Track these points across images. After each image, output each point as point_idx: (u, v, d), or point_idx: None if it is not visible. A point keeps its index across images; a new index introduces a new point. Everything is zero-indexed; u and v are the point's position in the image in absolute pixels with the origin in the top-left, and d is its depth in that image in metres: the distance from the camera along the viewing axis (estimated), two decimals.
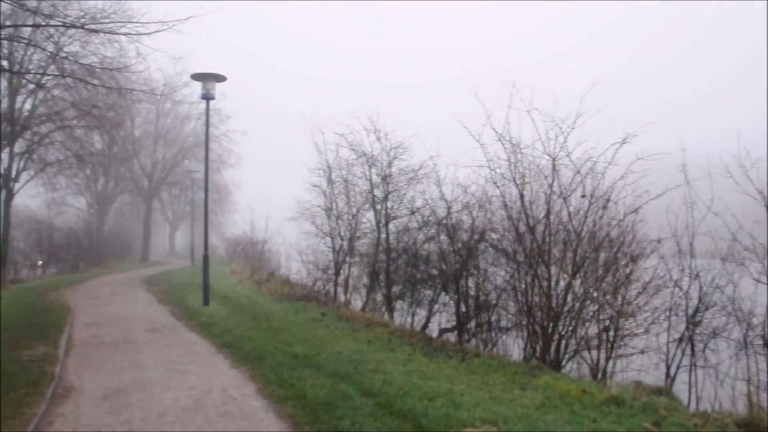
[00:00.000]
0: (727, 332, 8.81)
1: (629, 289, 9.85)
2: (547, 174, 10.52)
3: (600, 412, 6.89)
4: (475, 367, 9.24)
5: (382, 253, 16.24)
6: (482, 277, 12.51)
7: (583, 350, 10.12)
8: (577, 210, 10.26)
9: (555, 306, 10.11)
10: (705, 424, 6.40)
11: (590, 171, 10.16)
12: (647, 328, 9.72)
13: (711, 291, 9.00)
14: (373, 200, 17.01)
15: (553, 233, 10.51)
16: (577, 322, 10.10)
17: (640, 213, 9.86)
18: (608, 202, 9.99)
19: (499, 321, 12.18)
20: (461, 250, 12.68)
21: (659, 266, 9.66)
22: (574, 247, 10.13)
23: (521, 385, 8.09)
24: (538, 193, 10.73)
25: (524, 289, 10.85)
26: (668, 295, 9.49)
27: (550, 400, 7.30)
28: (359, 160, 17.41)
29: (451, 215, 13.33)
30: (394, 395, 7.10)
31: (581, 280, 10.20)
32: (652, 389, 8.23)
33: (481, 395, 7.38)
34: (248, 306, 16.22)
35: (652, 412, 6.87)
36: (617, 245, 9.95)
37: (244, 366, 8.82)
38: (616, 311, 9.68)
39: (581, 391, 7.61)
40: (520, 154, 10.69)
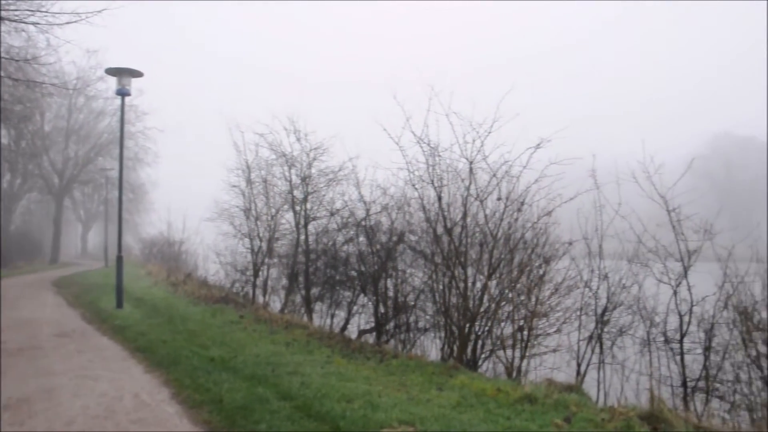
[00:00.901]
0: (632, 330, 9.21)
1: (542, 289, 10.12)
2: (464, 177, 10.70)
3: (514, 410, 7.06)
4: (394, 368, 9.31)
5: (302, 254, 16.15)
6: (401, 278, 12.63)
7: (498, 350, 10.33)
8: (493, 212, 10.48)
9: (471, 307, 10.30)
10: (611, 418, 6.65)
11: (506, 174, 10.39)
12: (559, 327, 10.03)
13: (618, 291, 9.37)
14: (292, 201, 16.88)
15: (469, 235, 10.70)
16: (493, 322, 10.32)
17: (553, 216, 10.16)
18: (523, 205, 10.25)
19: (417, 322, 12.31)
20: (380, 251, 12.76)
21: (570, 267, 10.00)
22: (490, 248, 10.35)
23: (438, 385, 8.21)
24: (455, 196, 10.89)
25: (442, 290, 11.00)
26: (579, 295, 9.83)
27: (466, 400, 7.43)
28: (279, 160, 17.26)
29: (370, 217, 13.40)
30: (312, 398, 7.08)
31: (497, 281, 10.43)
32: (564, 386, 8.49)
33: (398, 396, 7.44)
34: (164, 308, 15.84)
35: (563, 408, 7.09)
36: (531, 247, 10.22)
37: (159, 371, 8.62)
38: (530, 311, 9.94)
39: (496, 390, 7.78)
40: (438, 157, 10.85)
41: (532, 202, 10.24)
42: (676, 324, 8.56)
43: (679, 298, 8.55)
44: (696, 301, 8.40)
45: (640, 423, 6.55)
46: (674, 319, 8.59)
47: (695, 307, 8.41)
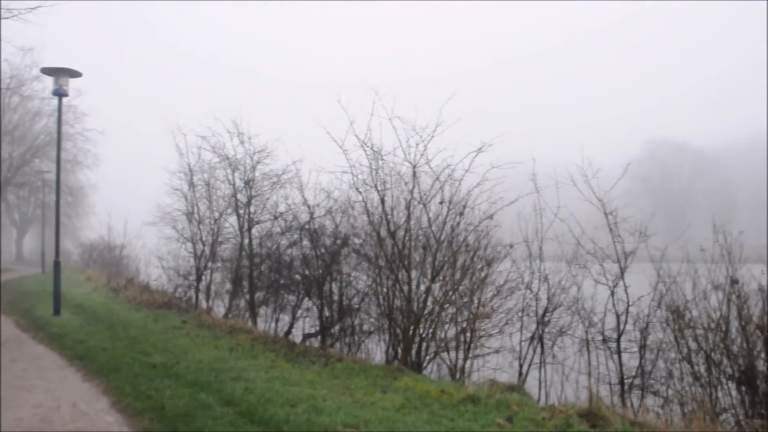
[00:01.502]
0: (571, 330, 9.44)
1: (485, 291, 10.29)
2: (407, 180, 10.80)
3: (457, 410, 7.15)
4: (338, 372, 9.32)
5: (245, 258, 15.99)
6: (345, 281, 12.64)
7: (442, 351, 10.45)
8: (436, 216, 10.59)
9: (415, 309, 10.38)
10: (552, 416, 6.81)
11: (449, 178, 10.52)
12: (501, 328, 10.22)
13: (558, 292, 9.61)
14: (236, 205, 16.71)
15: (413, 238, 10.79)
16: (437, 324, 10.43)
17: (494, 219, 10.33)
18: (465, 209, 10.40)
19: (361, 325, 12.34)
20: (324, 255, 12.74)
21: (512, 270, 10.19)
22: (434, 251, 10.46)
23: (383, 388, 8.25)
24: (399, 199, 10.97)
25: (386, 293, 11.06)
26: (520, 296, 10.04)
27: (410, 402, 7.49)
28: (222, 163, 17.07)
29: (314, 220, 13.37)
30: (256, 403, 7.03)
31: (440, 284, 10.54)
32: (506, 386, 8.63)
33: (343, 400, 7.45)
34: (104, 315, 15.46)
35: (506, 408, 7.22)
36: (474, 250, 10.37)
37: (98, 379, 8.42)
38: (473, 313, 10.09)
39: (440, 392, 7.87)
40: (381, 160, 10.92)
41: (474, 205, 10.40)
42: (614, 324, 8.82)
43: (616, 299, 8.81)
44: (632, 301, 8.67)
45: (579, 421, 6.72)
46: (612, 318, 8.85)
47: (631, 307, 8.68)
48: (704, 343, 7.53)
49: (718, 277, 7.48)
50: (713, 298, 7.52)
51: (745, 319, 7.15)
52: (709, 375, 7.51)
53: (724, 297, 7.37)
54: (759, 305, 7.10)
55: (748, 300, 7.20)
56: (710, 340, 7.48)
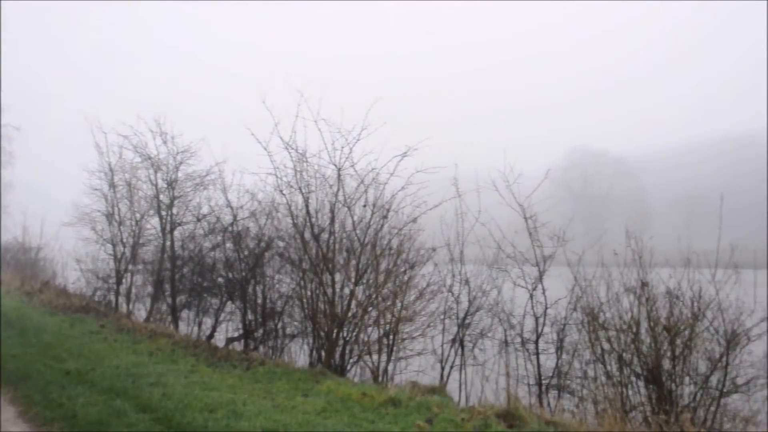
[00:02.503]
0: (492, 332, 9.61)
1: (408, 294, 10.36)
2: (332, 183, 10.77)
3: (378, 413, 7.20)
4: (260, 376, 9.24)
5: (168, 260, 15.62)
6: (269, 285, 12.51)
7: (366, 354, 10.46)
8: (360, 219, 10.61)
9: (339, 312, 10.37)
10: (471, 417, 6.92)
11: (373, 181, 10.56)
12: (424, 331, 10.30)
13: (479, 295, 9.77)
14: (158, 206, 16.29)
15: (337, 241, 10.78)
16: (360, 327, 10.43)
17: (418, 222, 10.42)
18: (389, 212, 10.45)
19: (285, 328, 12.25)
20: (248, 257, 12.58)
21: (434, 273, 10.30)
22: (358, 255, 10.47)
23: (304, 392, 8.23)
24: (323, 202, 10.92)
25: (310, 296, 11.00)
26: (442, 299, 10.16)
27: (332, 405, 7.49)
28: (144, 163, 16.62)
29: (237, 222, 13.18)
30: (174, 409, 6.90)
31: (364, 287, 10.56)
32: (427, 389, 8.73)
33: (263, 404, 7.39)
34: (15, 319, 14.83)
35: (426, 410, 7.30)
36: (397, 253, 10.44)
37: (5, 387, 8.09)
38: (396, 316, 10.15)
39: (361, 395, 7.89)
40: (306, 163, 10.86)
41: (398, 209, 10.45)
42: (532, 326, 9.03)
43: (535, 301, 9.02)
44: (550, 304, 8.90)
45: (497, 421, 6.86)
46: (530, 321, 9.06)
47: (549, 310, 8.91)
48: (616, 343, 7.81)
49: (629, 281, 7.76)
50: (625, 300, 7.81)
51: (653, 321, 7.45)
52: (620, 374, 7.79)
53: (635, 299, 7.66)
54: (666, 307, 7.42)
55: (657, 302, 7.51)
56: (622, 340, 7.76)
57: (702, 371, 7.30)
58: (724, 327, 7.07)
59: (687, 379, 7.39)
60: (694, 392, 7.30)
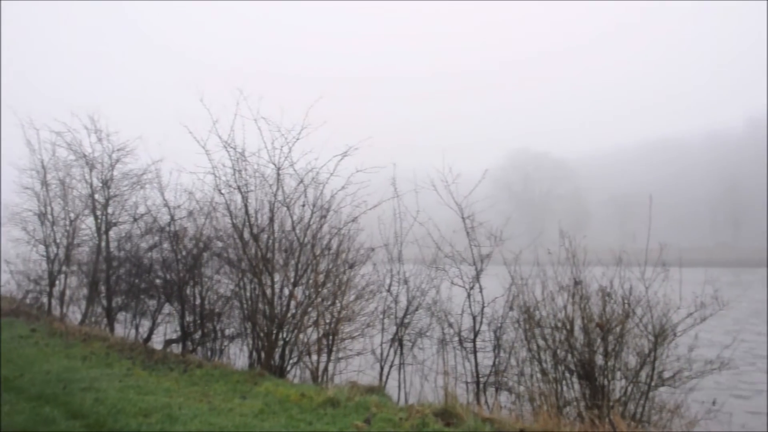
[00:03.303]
0: (430, 331, 9.68)
1: (347, 295, 10.34)
2: (271, 183, 10.66)
3: (316, 414, 7.15)
4: (197, 378, 9.08)
5: (103, 261, 15.22)
6: (207, 285, 12.31)
7: (305, 355, 10.40)
8: (300, 219, 10.53)
9: (278, 313, 10.28)
10: (409, 416, 6.94)
11: (313, 181, 10.50)
12: (363, 331, 10.30)
13: (418, 295, 9.83)
14: (93, 205, 15.87)
15: (277, 241, 10.68)
16: (300, 328, 10.36)
17: (358, 222, 10.41)
18: (329, 212, 10.41)
19: (224, 330, 12.07)
20: (186, 258, 12.35)
21: (373, 273, 10.31)
22: (297, 255, 10.39)
23: (242, 394, 8.12)
24: (262, 202, 10.79)
25: (249, 297, 10.87)
26: (381, 299, 10.18)
27: (270, 407, 7.41)
28: (78, 161, 16.16)
29: (174, 222, 12.91)
30: (106, 414, 6.70)
31: (304, 288, 10.49)
32: (366, 388, 8.74)
33: (200, 407, 7.25)
34: None
35: (365, 410, 7.28)
36: (336, 253, 10.40)
37: None
38: (336, 316, 10.12)
39: (300, 395, 7.83)
40: (245, 162, 10.71)
41: (338, 208, 10.43)
42: (470, 324, 9.12)
43: (473, 300, 9.12)
44: (487, 303, 9.01)
45: (435, 419, 6.90)
46: (468, 319, 9.15)
47: (486, 308, 9.02)
48: (551, 341, 7.96)
49: (564, 279, 7.92)
50: (560, 299, 7.97)
51: (587, 318, 7.63)
52: (555, 371, 7.95)
53: (569, 297, 7.83)
54: (599, 305, 7.60)
55: (590, 300, 7.69)
56: (557, 338, 7.92)
57: (632, 366, 7.52)
58: (653, 323, 7.29)
59: (618, 374, 7.60)
60: (625, 387, 7.51)
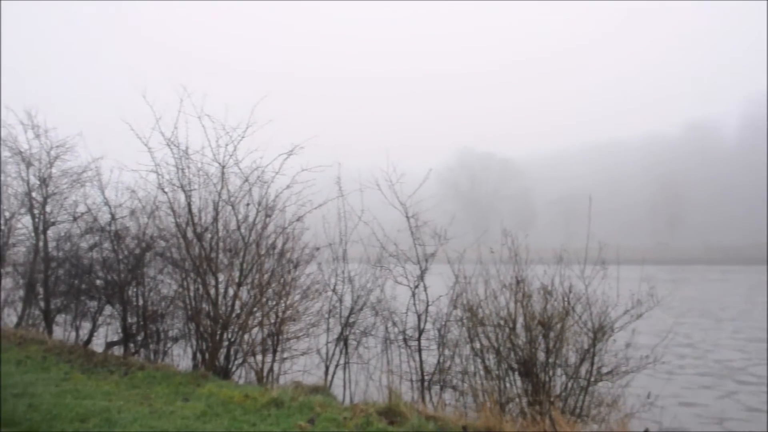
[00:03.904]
0: (375, 330, 9.71)
1: (292, 294, 10.28)
2: (216, 181, 10.52)
3: (260, 415, 7.10)
4: (138, 381, 8.90)
5: (41, 262, 14.76)
6: (150, 286, 12.07)
7: (250, 356, 10.30)
8: (244, 218, 10.42)
9: (223, 313, 10.15)
10: (353, 416, 6.96)
11: (258, 180, 10.40)
12: (308, 331, 10.27)
13: (363, 294, 9.85)
14: (30, 204, 15.35)
15: (221, 241, 10.55)
16: (245, 328, 10.26)
17: (303, 221, 10.36)
18: (274, 211, 10.33)
19: (167, 331, 11.87)
20: (127, 258, 12.08)
21: (318, 272, 10.28)
22: (242, 254, 10.28)
23: (185, 396, 8.00)
24: (207, 201, 10.64)
25: (192, 297, 10.70)
26: (326, 299, 10.16)
27: (212, 409, 7.32)
28: (14, 158, 15.61)
29: (115, 221, 12.61)
30: (41, 421, 6.51)
31: (248, 287, 10.38)
32: (311, 388, 8.73)
33: (140, 410, 7.11)
34: None
35: (309, 410, 7.27)
36: (281, 253, 10.33)
37: None
38: (281, 316, 10.05)
39: (244, 397, 7.76)
40: (188, 160, 10.53)
41: (283, 207, 10.35)
42: (415, 323, 9.18)
43: (417, 299, 9.19)
44: (431, 301, 9.09)
45: (379, 418, 6.93)
46: (413, 318, 9.21)
47: (431, 307, 9.10)
48: (494, 338, 8.08)
49: (507, 278, 8.05)
50: (502, 297, 8.09)
51: (529, 316, 7.77)
52: (498, 368, 8.07)
53: (512, 295, 7.96)
54: (541, 302, 7.75)
55: (532, 298, 7.83)
56: (499, 335, 8.03)
57: (572, 362, 7.69)
58: (592, 320, 7.47)
59: (559, 370, 7.77)
60: (566, 382, 7.69)
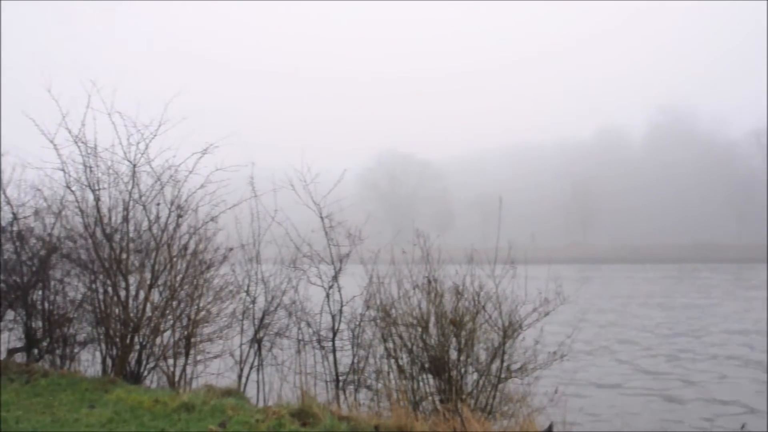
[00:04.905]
0: (289, 332, 9.67)
1: (205, 296, 10.11)
2: (127, 180, 10.22)
3: (170, 420, 6.96)
4: (41, 389, 8.55)
5: None
6: (57, 289, 11.59)
7: (163, 360, 10.06)
8: (156, 218, 10.16)
9: (134, 316, 9.87)
10: (265, 418, 6.92)
11: (171, 179, 10.16)
12: (222, 333, 10.12)
13: (277, 295, 9.79)
14: None
15: (132, 241, 10.25)
16: (157, 331, 10.01)
17: (217, 222, 10.19)
18: (187, 211, 10.12)
19: (75, 336, 11.43)
20: (32, 260, 11.57)
21: (231, 273, 10.16)
22: (154, 255, 10.03)
23: (91, 403, 7.77)
24: (117, 200, 10.31)
25: (102, 300, 10.36)
26: (240, 300, 10.05)
27: (120, 415, 7.12)
28: None
29: (18, 221, 12.05)
30: None
31: (161, 289, 10.14)
32: (223, 391, 8.60)
33: (41, 420, 6.87)
34: None
35: (221, 413, 7.18)
36: (194, 253, 10.14)
37: None
38: (193, 319, 9.86)
39: (154, 402, 7.58)
40: (97, 158, 10.18)
41: (196, 207, 10.16)
42: (329, 324, 9.20)
43: (331, 300, 9.20)
44: (345, 302, 9.12)
45: (291, 420, 6.92)
46: (327, 319, 9.22)
47: (345, 307, 9.13)
48: (407, 338, 8.18)
49: (419, 278, 8.17)
50: (415, 297, 8.20)
51: (441, 315, 7.90)
52: (411, 368, 8.17)
53: (424, 295, 8.08)
54: (452, 302, 7.90)
55: (444, 297, 7.97)
56: (412, 335, 8.14)
57: (483, 360, 7.87)
58: (502, 318, 7.67)
59: (471, 368, 7.94)
60: (477, 380, 7.86)
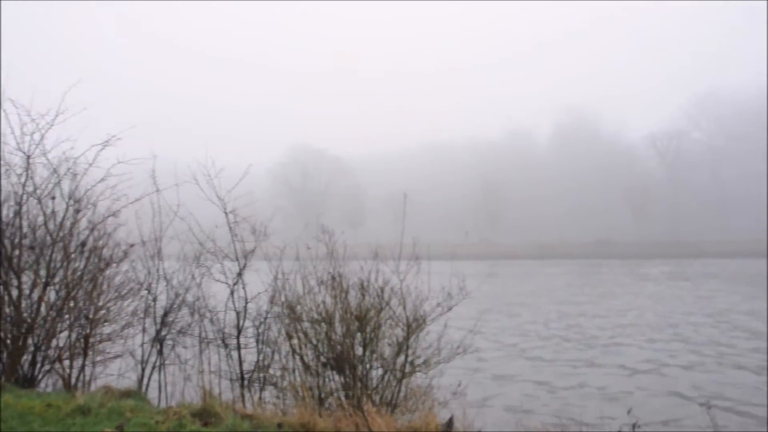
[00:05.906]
0: (193, 330, 9.47)
1: (105, 295, 9.76)
2: (20, 172, 9.73)
3: (63, 425, 6.67)
4: None
5: None
6: None
7: (59, 362, 9.65)
8: (52, 213, 9.73)
9: (27, 317, 9.41)
10: (166, 419, 6.74)
11: (69, 171, 9.75)
12: (122, 332, 9.81)
13: (181, 292, 9.57)
14: None
15: (25, 237, 9.77)
16: (52, 332, 9.58)
17: (118, 217, 9.86)
18: (85, 205, 9.74)
19: None
20: None
21: (131, 271, 9.85)
22: (49, 252, 9.59)
23: None
24: (9, 193, 9.79)
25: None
26: (142, 298, 9.76)
27: (7, 422, 6.75)
28: None
29: None
30: None
31: (56, 288, 9.71)
32: (122, 392, 8.33)
33: None
34: None
35: (118, 416, 6.94)
36: (93, 250, 9.77)
37: None
38: (92, 318, 9.50)
39: (46, 406, 7.24)
40: None
41: (96, 202, 9.79)
42: (234, 321, 9.06)
43: (236, 296, 9.06)
44: (250, 299, 9.00)
45: (193, 420, 6.78)
46: (232, 316, 9.08)
47: (250, 304, 9.01)
48: (312, 335, 8.16)
49: (324, 274, 8.16)
50: (320, 293, 8.19)
51: (345, 311, 7.93)
52: (317, 364, 8.16)
53: (329, 291, 8.08)
54: (357, 298, 7.93)
55: (348, 293, 8.00)
56: (318, 331, 8.13)
57: (388, 355, 7.95)
58: (406, 314, 7.76)
59: (376, 363, 8.00)
60: (382, 375, 7.93)
